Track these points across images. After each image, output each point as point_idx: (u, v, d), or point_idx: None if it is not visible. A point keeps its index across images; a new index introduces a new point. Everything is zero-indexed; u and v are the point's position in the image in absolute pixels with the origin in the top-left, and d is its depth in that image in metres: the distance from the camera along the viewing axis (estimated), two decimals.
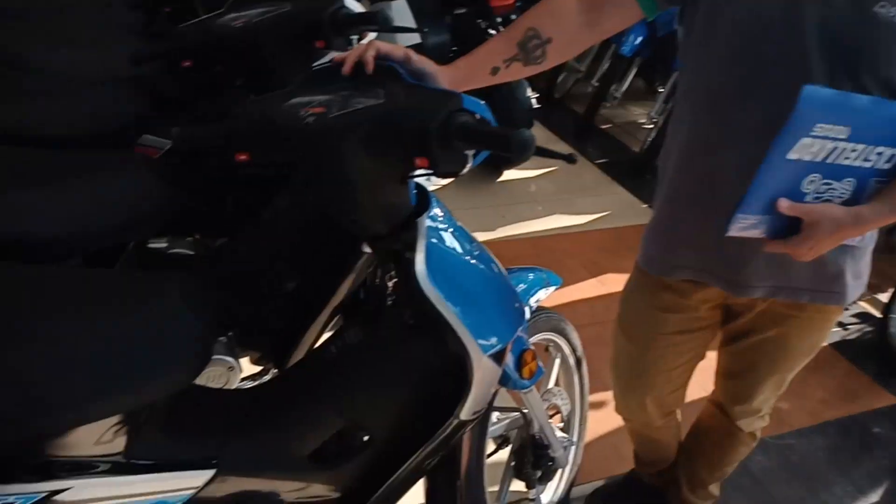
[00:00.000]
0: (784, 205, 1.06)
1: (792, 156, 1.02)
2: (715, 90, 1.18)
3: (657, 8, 1.19)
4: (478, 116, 0.97)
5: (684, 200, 1.29)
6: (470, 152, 0.97)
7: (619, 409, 1.73)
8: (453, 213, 1.20)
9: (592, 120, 4.39)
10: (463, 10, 3.64)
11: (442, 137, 0.92)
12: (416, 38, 3.47)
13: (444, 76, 1.14)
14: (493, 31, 3.57)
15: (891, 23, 1.03)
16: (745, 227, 1.09)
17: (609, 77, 4.25)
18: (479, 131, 0.92)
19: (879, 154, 1.05)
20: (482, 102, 1.04)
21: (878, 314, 2.81)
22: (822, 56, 1.07)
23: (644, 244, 1.44)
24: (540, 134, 3.98)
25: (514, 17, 3.57)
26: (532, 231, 3.32)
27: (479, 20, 3.57)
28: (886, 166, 1.07)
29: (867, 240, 1.25)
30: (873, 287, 2.91)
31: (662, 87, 4.08)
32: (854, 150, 1.04)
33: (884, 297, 2.78)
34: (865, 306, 2.96)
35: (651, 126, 4.02)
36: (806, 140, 1.00)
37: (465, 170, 0.98)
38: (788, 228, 1.10)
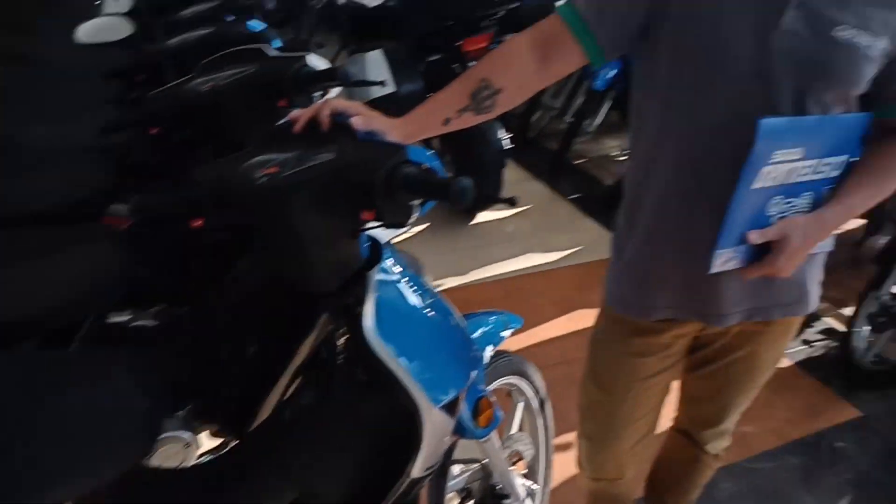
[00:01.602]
0: (754, 237, 1.12)
1: (756, 185, 1.09)
2: (691, 137, 1.18)
3: (604, 58, 1.20)
4: (424, 166, 0.99)
5: (662, 242, 1.28)
6: (415, 202, 0.99)
7: (589, 471, 1.65)
8: (428, 259, 1.19)
9: (565, 156, 4.38)
10: (437, 57, 3.68)
11: (386, 189, 0.95)
12: (389, 88, 3.52)
13: (397, 130, 1.15)
14: None
15: (849, 44, 1.08)
16: (725, 261, 1.16)
17: (583, 112, 4.21)
18: (420, 181, 0.95)
19: (828, 165, 1.15)
20: (430, 152, 1.06)
21: (842, 328, 2.84)
22: (788, 83, 1.11)
23: (615, 287, 1.40)
24: (513, 173, 3.96)
25: None
26: (504, 272, 3.31)
27: (454, 65, 3.60)
28: (834, 174, 1.16)
29: (826, 245, 1.27)
30: (838, 302, 3.00)
31: None
32: (807, 167, 1.12)
33: (848, 311, 2.82)
34: (830, 322, 3.00)
35: (625, 157, 3.98)
36: (766, 168, 1.08)
37: (412, 220, 1.01)
38: (761, 251, 1.16)
